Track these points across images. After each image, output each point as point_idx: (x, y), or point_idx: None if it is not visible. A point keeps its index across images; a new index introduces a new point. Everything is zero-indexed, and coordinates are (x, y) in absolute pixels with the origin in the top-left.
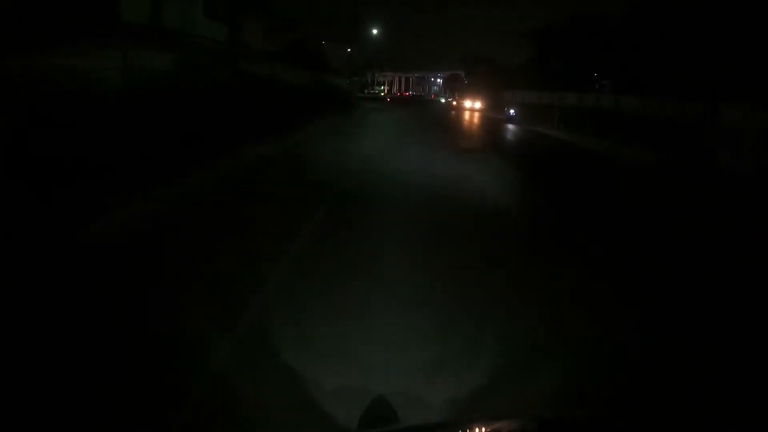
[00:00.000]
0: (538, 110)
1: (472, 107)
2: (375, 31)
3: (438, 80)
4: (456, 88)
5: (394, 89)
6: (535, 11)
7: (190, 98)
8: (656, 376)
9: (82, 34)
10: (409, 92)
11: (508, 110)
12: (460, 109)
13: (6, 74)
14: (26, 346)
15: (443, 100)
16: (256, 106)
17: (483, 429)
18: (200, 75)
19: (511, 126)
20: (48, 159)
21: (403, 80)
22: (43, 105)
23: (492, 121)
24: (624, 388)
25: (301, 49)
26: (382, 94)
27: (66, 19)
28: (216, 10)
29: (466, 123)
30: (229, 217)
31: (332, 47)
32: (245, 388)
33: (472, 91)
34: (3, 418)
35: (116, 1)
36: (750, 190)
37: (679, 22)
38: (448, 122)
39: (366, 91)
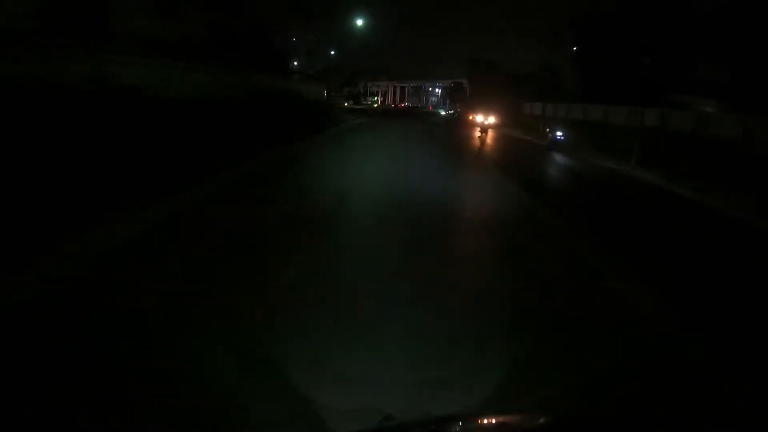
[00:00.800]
0: (589, 132)
1: (483, 123)
2: (360, 22)
3: (436, 90)
4: (459, 98)
5: (389, 100)
6: (549, 7)
7: None
8: None
9: None
10: (404, 103)
11: (553, 133)
12: (471, 127)
13: None
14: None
15: (443, 112)
16: None
17: (487, 423)
18: None
19: (560, 158)
20: None
21: (398, 90)
22: None
23: (528, 149)
24: None
25: (250, 45)
26: (375, 105)
27: None
28: None
29: (494, 154)
30: None
31: (305, 49)
32: None
33: (484, 103)
34: None
35: None
36: None
37: None
38: (465, 151)
39: (348, 102)
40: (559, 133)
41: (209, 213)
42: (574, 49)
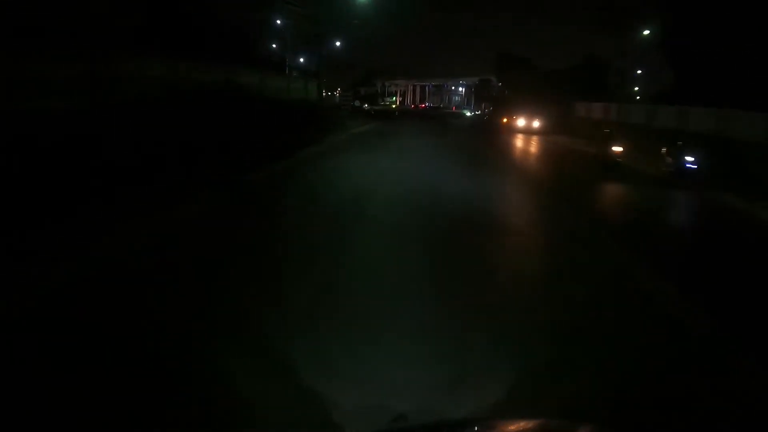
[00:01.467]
0: (710, 151)
1: (527, 127)
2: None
3: (460, 89)
4: (487, 97)
5: (408, 100)
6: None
7: None
8: None
9: None
10: (425, 104)
11: (680, 157)
12: (511, 133)
13: None
14: None
15: (468, 113)
16: None
17: (491, 428)
18: None
19: (705, 203)
20: None
21: (418, 89)
22: None
23: (638, 184)
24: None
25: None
26: (393, 106)
27: None
28: None
29: (591, 197)
30: None
31: (295, 40)
32: None
33: (522, 103)
34: None
35: None
36: None
37: None
38: (538, 191)
39: (355, 103)
40: (689, 158)
41: None
42: (645, 33)
